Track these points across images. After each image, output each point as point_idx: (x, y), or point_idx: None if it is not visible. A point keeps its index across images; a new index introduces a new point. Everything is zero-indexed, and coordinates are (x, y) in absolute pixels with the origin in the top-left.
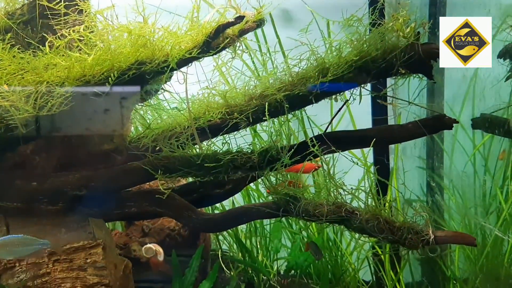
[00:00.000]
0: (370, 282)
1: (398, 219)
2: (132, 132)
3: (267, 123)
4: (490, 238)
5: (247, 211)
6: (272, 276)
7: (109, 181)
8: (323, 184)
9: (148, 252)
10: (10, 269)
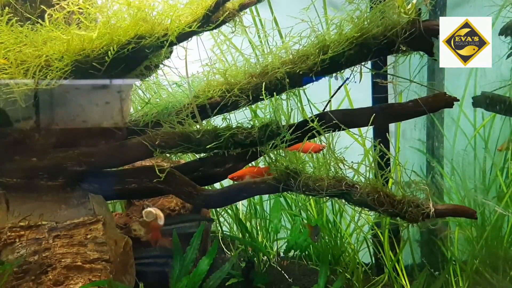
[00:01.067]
0: (369, 264)
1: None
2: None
3: (267, 103)
4: (490, 220)
5: (247, 187)
6: (272, 256)
7: (109, 157)
8: (323, 159)
9: (149, 216)
10: (10, 244)
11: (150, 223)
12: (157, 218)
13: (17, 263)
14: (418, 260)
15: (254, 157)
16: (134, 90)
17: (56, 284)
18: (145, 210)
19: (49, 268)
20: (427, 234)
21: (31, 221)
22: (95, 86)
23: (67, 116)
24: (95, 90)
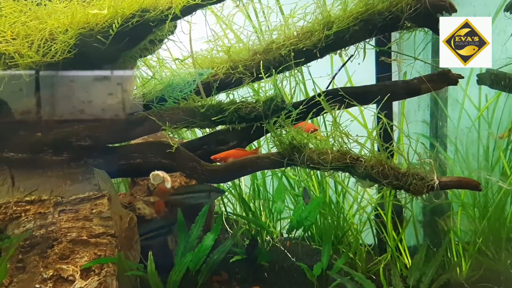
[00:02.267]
0: (372, 245)
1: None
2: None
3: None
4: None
5: (251, 162)
6: (275, 236)
7: (114, 132)
8: (328, 133)
9: (156, 179)
10: (16, 219)
11: (158, 186)
12: (164, 181)
13: (24, 236)
14: (421, 241)
15: (258, 135)
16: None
17: (62, 258)
18: (152, 173)
19: (54, 242)
20: (430, 215)
21: (37, 196)
22: (98, 61)
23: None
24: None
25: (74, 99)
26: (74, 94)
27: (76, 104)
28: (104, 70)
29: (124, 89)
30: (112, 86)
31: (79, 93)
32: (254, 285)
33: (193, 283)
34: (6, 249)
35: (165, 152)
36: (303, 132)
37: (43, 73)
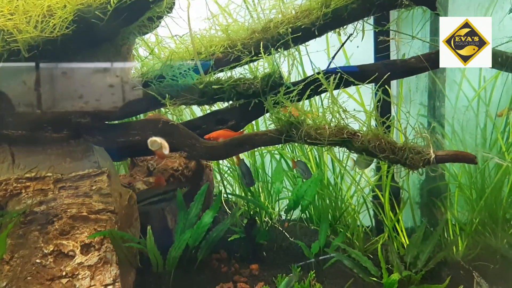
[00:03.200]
0: (369, 227)
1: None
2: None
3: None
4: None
5: (250, 138)
6: (274, 216)
7: (113, 109)
8: (326, 108)
9: (154, 145)
10: (16, 195)
11: (156, 152)
12: (162, 148)
13: (24, 210)
14: (418, 222)
15: (257, 115)
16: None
17: (62, 234)
18: (150, 139)
19: (55, 218)
20: (427, 196)
21: (37, 173)
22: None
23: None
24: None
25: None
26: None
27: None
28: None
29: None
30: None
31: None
32: (253, 264)
33: (193, 259)
34: (6, 224)
35: (164, 129)
36: (299, 109)
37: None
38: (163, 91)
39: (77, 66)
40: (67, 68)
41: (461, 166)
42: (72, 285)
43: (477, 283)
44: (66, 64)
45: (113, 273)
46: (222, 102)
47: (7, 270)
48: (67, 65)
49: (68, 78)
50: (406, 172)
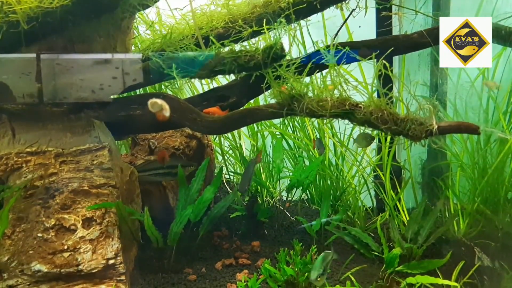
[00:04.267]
0: (371, 208)
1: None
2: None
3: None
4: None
5: (251, 112)
6: (275, 196)
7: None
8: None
9: (154, 107)
10: (17, 170)
11: (156, 114)
12: (162, 110)
13: (24, 184)
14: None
15: (258, 92)
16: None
17: (64, 208)
18: (151, 100)
19: (56, 192)
20: (429, 176)
21: (37, 148)
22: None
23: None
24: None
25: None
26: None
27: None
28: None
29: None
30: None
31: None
32: (254, 241)
33: (194, 236)
34: (7, 199)
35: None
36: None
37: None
38: (163, 63)
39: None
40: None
41: (463, 146)
42: (74, 259)
43: (479, 258)
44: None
45: (115, 247)
46: (222, 75)
47: (8, 245)
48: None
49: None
50: (407, 144)
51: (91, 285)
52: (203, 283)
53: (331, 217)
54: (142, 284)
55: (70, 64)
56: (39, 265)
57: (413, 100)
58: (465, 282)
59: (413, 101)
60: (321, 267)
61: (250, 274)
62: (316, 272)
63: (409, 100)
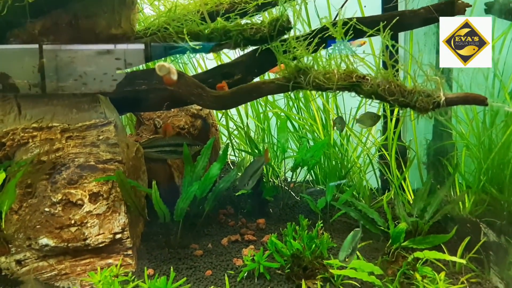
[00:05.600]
0: (376, 188)
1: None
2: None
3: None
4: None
5: (257, 87)
6: (281, 175)
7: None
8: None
9: (162, 70)
10: (23, 145)
11: (164, 77)
12: (170, 73)
13: (31, 159)
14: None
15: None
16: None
17: (70, 183)
18: (158, 63)
19: (62, 167)
20: (434, 156)
21: (43, 123)
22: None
23: (75, 22)
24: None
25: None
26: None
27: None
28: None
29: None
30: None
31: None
32: (260, 219)
33: (200, 214)
34: (14, 174)
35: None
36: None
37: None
38: (168, 38)
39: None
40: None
41: (469, 125)
42: (81, 233)
43: (484, 234)
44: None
45: (122, 221)
46: (228, 49)
47: (16, 220)
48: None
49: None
50: (413, 117)
51: (98, 259)
52: (209, 258)
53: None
54: (149, 258)
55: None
56: (46, 240)
57: (420, 74)
58: (470, 257)
59: (420, 74)
60: (350, 247)
61: (256, 250)
62: (344, 252)
63: (416, 71)
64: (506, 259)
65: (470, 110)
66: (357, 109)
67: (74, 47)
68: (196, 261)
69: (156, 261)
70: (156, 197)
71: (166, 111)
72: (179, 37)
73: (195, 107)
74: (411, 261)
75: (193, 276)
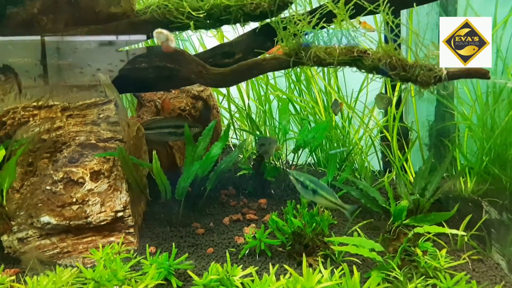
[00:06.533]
0: (378, 171)
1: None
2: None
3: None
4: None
5: (257, 63)
6: (282, 158)
7: (118, 34)
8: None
9: (160, 37)
10: (24, 124)
11: (162, 44)
12: (168, 40)
13: (31, 138)
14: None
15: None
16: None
17: (71, 162)
18: (156, 30)
19: (63, 146)
20: (436, 137)
21: (44, 102)
22: None
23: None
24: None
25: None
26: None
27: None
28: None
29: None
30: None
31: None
32: (261, 199)
33: (201, 193)
34: (15, 152)
35: (171, 56)
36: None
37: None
38: (168, 14)
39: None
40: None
41: (472, 106)
42: (83, 211)
43: (486, 212)
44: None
45: (123, 200)
46: (228, 24)
47: (17, 198)
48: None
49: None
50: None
51: (100, 237)
52: (211, 236)
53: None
54: (150, 237)
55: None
56: (48, 218)
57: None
58: (472, 235)
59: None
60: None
61: (258, 228)
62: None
63: (418, 46)
64: (508, 236)
65: (473, 92)
66: (358, 91)
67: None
68: (198, 239)
69: (158, 239)
70: (157, 167)
71: (167, 93)
72: (180, 11)
73: (196, 89)
74: (411, 237)
75: (194, 253)
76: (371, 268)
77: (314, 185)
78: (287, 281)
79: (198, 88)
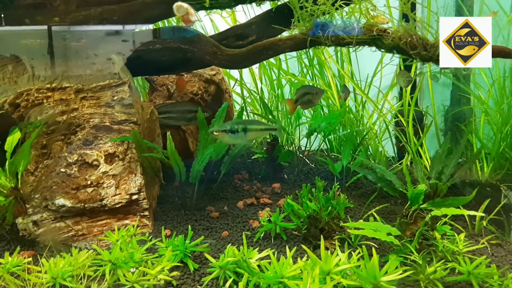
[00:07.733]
0: (392, 156)
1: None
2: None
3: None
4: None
5: (273, 44)
6: (296, 142)
7: (130, 14)
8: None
9: (180, 10)
10: (38, 105)
11: (182, 18)
12: (188, 13)
13: (45, 120)
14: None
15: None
16: None
17: (86, 144)
18: (176, 4)
19: (77, 128)
20: (452, 121)
21: (58, 84)
22: None
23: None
24: None
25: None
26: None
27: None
28: None
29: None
30: None
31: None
32: (275, 183)
33: (215, 178)
34: (29, 134)
35: (185, 37)
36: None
37: None
38: None
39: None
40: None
41: (488, 91)
42: (98, 194)
43: (505, 196)
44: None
45: (138, 182)
46: (244, 4)
47: (32, 181)
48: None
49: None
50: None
51: (115, 220)
52: (225, 219)
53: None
54: (165, 220)
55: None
56: (63, 200)
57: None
58: (490, 219)
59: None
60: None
61: (272, 212)
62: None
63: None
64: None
65: (489, 76)
66: (373, 76)
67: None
68: (213, 223)
69: (173, 222)
70: (171, 148)
71: (179, 76)
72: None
73: (208, 73)
74: (428, 221)
75: (210, 236)
76: (388, 252)
77: (242, 125)
78: (305, 263)
79: (211, 72)
